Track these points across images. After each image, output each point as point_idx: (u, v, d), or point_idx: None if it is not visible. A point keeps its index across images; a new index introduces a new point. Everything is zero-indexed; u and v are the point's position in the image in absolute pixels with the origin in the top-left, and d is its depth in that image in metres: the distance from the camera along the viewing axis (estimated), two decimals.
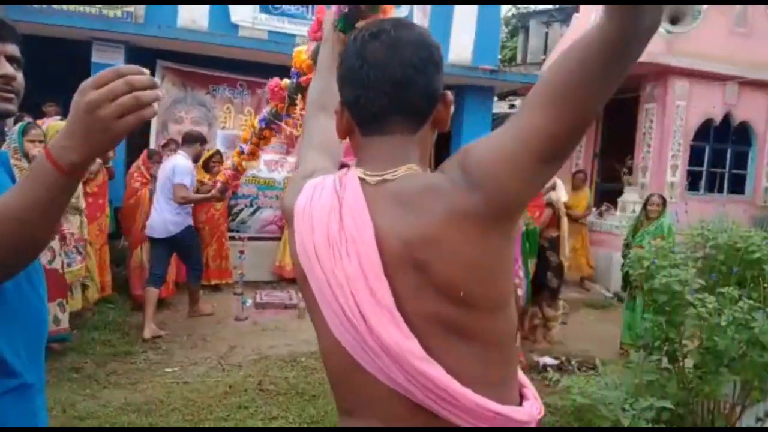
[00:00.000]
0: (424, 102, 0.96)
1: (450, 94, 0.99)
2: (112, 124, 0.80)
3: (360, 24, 1.30)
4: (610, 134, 8.80)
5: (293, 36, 6.85)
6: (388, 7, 1.37)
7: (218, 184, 4.83)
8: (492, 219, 0.84)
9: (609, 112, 8.79)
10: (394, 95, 0.93)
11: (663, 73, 7.46)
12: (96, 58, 6.36)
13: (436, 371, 0.85)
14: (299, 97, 2.41)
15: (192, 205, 5.06)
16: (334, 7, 1.32)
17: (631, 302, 4.83)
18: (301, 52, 2.03)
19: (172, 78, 6.82)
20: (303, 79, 2.08)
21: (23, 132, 3.76)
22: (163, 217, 4.80)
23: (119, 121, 0.80)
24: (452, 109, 1.01)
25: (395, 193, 0.90)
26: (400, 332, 0.86)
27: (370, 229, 0.88)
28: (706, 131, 8.04)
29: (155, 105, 0.82)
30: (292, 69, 2.17)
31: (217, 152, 6.20)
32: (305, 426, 3.21)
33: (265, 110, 3.03)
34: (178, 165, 4.78)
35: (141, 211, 5.34)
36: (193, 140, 5.12)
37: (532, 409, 0.93)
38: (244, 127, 7.21)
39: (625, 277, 4.40)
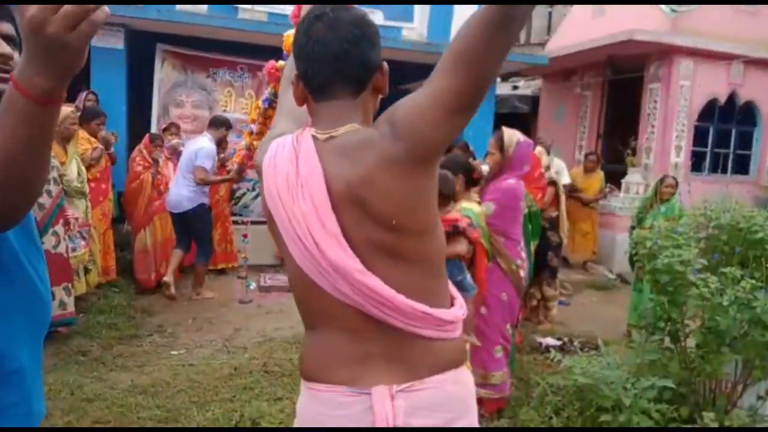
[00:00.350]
0: (360, 71, 1.15)
1: (386, 65, 1.19)
2: (67, 38, 0.73)
3: None
4: (613, 115, 8.74)
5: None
6: None
7: (235, 165, 4.86)
8: (414, 163, 1.06)
9: (613, 93, 8.73)
10: (334, 66, 1.12)
11: (667, 52, 7.39)
12: (96, 41, 6.32)
13: (374, 281, 1.07)
14: None
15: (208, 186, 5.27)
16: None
17: (638, 283, 4.83)
18: (290, 36, 2.10)
19: (173, 61, 6.77)
20: None
21: None
22: (179, 192, 5.08)
23: (74, 33, 0.73)
24: (387, 77, 1.21)
25: (339, 147, 1.11)
26: (345, 254, 1.08)
27: (320, 174, 1.09)
28: (710, 111, 7.98)
29: (105, 7, 0.75)
30: (284, 52, 2.31)
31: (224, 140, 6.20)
32: None
33: (266, 92, 3.07)
34: (203, 148, 5.04)
35: (144, 195, 5.35)
36: (219, 124, 5.42)
37: (457, 312, 1.18)
38: (245, 109, 7.19)
39: (632, 259, 4.41)
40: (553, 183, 5.07)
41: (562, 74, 9.47)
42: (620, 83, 8.46)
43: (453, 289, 1.24)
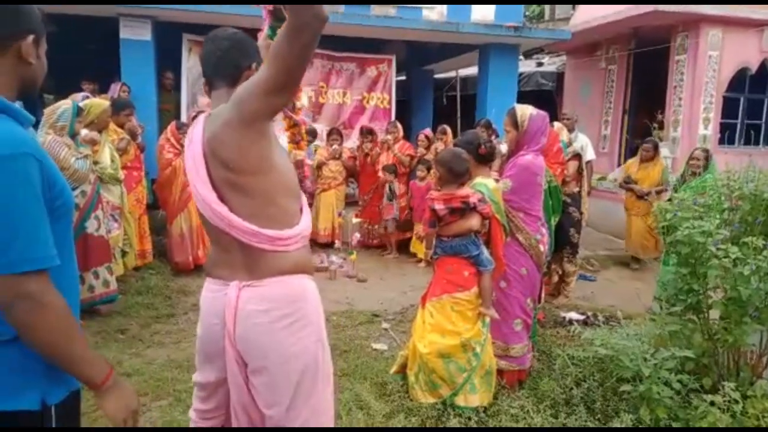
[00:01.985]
0: (231, 70, 1.66)
1: (254, 66, 1.68)
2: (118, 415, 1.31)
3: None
4: (639, 89, 8.59)
5: None
6: None
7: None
8: (242, 125, 1.49)
9: (638, 66, 8.56)
10: (214, 67, 1.68)
11: (694, 22, 7.20)
12: (124, 33, 6.50)
13: (222, 209, 1.55)
14: None
15: None
16: (264, 14, 1.96)
17: (668, 257, 4.81)
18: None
19: (199, 51, 6.89)
20: None
21: (77, 113, 3.96)
22: None
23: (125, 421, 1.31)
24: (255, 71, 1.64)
25: (211, 117, 1.59)
26: (208, 190, 1.57)
27: (200, 136, 1.59)
28: (740, 81, 7.76)
29: None
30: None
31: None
32: (337, 376, 3.38)
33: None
34: None
35: (177, 181, 5.52)
36: None
37: (289, 232, 1.60)
38: None
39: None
40: (577, 157, 5.05)
41: (587, 49, 9.31)
42: (646, 56, 8.29)
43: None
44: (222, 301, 1.58)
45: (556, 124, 5.25)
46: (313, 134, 6.62)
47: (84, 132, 4.18)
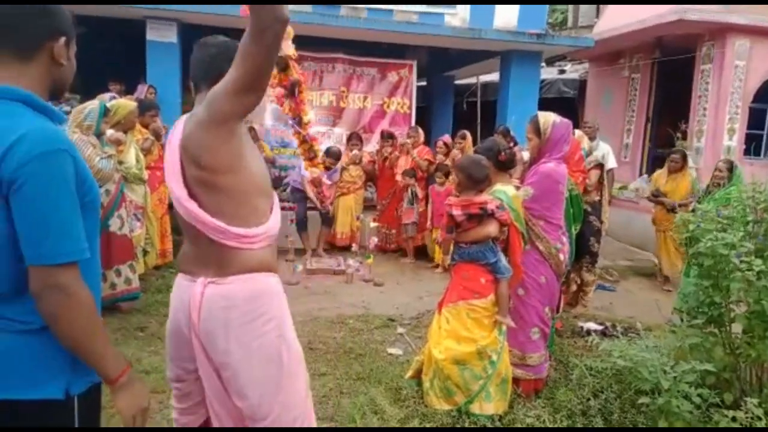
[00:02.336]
0: (216, 75, 1.59)
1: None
2: (131, 413, 1.34)
3: None
4: (663, 98, 8.49)
5: (338, 7, 6.89)
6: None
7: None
8: (213, 125, 1.54)
9: (662, 75, 8.46)
10: (201, 71, 1.72)
11: (721, 31, 7.10)
12: (150, 35, 6.62)
13: (192, 206, 1.60)
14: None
15: None
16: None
17: (688, 268, 4.73)
18: None
19: None
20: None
21: (104, 113, 4.04)
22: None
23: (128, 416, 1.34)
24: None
25: (189, 118, 1.64)
26: (179, 187, 1.62)
27: (178, 136, 1.64)
28: (767, 92, 7.62)
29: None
30: None
31: (251, 129, 6.43)
32: (352, 380, 3.39)
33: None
34: None
35: None
36: None
37: (255, 230, 1.63)
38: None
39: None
40: (599, 166, 5.01)
41: (610, 57, 9.23)
42: (670, 65, 8.19)
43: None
44: (188, 296, 1.62)
45: (577, 132, 5.20)
46: (336, 156, 6.59)
47: (110, 132, 4.26)
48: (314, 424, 1.85)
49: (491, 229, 2.95)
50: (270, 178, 1.82)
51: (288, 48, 2.61)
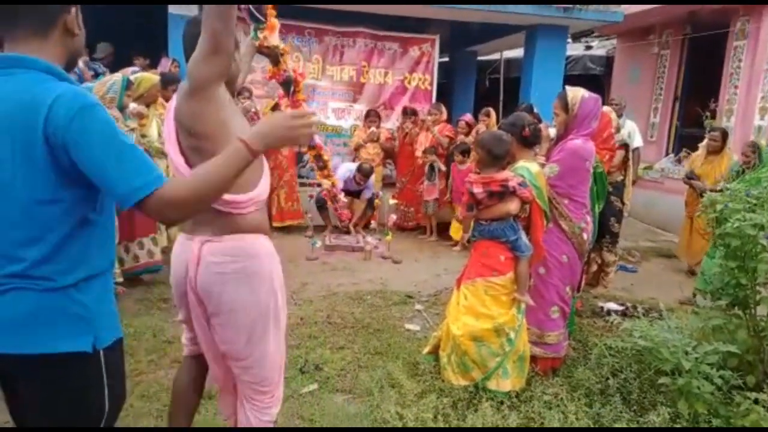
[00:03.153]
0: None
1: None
2: (295, 139, 1.47)
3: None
4: (692, 76, 8.24)
5: None
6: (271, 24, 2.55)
7: None
8: (193, 92, 1.69)
9: (692, 52, 8.21)
10: (191, 47, 1.72)
11: (758, 5, 6.83)
12: (172, 9, 6.59)
13: (187, 171, 1.72)
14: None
15: None
16: (244, 13, 2.22)
17: (713, 250, 4.64)
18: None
19: (244, 28, 6.94)
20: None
21: (126, 87, 4.06)
22: None
23: (298, 138, 1.47)
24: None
25: (179, 90, 1.78)
26: (177, 155, 1.78)
27: (173, 108, 1.79)
28: None
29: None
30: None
31: (276, 105, 6.40)
32: (370, 354, 3.42)
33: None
34: None
35: None
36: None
37: (245, 197, 1.77)
38: (312, 74, 7.32)
39: None
40: (623, 146, 4.91)
41: (639, 33, 8.97)
42: (701, 41, 7.93)
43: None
44: (187, 253, 1.80)
45: (606, 108, 5.09)
46: (367, 174, 6.39)
47: (132, 105, 4.28)
48: (279, 401, 2.01)
49: (512, 206, 2.92)
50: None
51: (274, 39, 2.63)
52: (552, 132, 3.36)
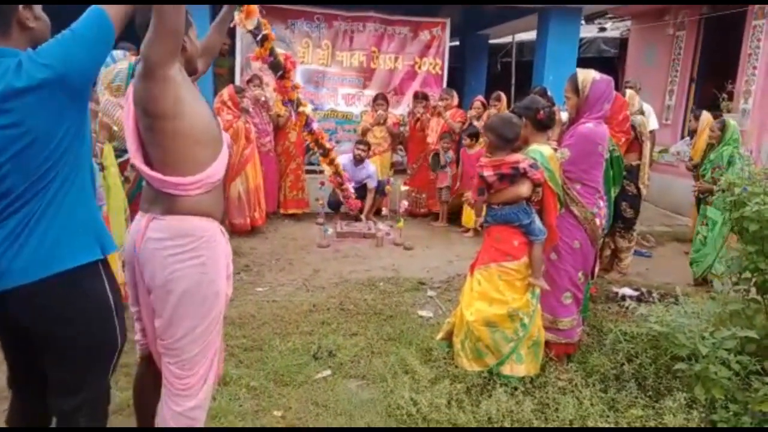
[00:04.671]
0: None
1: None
2: None
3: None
4: (709, 58, 8.07)
5: None
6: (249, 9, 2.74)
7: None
8: (148, 74, 1.73)
9: (709, 33, 8.04)
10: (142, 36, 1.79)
11: None
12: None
13: (138, 162, 1.84)
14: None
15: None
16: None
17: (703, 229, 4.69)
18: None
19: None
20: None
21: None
22: None
23: None
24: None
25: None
26: (132, 139, 1.85)
27: (131, 92, 1.83)
28: None
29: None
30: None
31: (255, 76, 6.52)
32: (383, 341, 3.42)
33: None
34: None
35: (238, 144, 5.63)
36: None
37: (193, 179, 1.82)
38: (322, 60, 7.27)
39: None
40: (633, 129, 4.81)
41: (654, 13, 8.79)
42: (718, 21, 7.76)
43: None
44: (137, 229, 1.88)
45: (629, 91, 5.00)
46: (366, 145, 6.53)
47: None
48: (197, 396, 1.91)
49: (523, 189, 2.89)
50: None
51: (251, 23, 2.74)
52: (564, 116, 3.30)
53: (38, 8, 1.59)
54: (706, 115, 5.65)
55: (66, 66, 1.48)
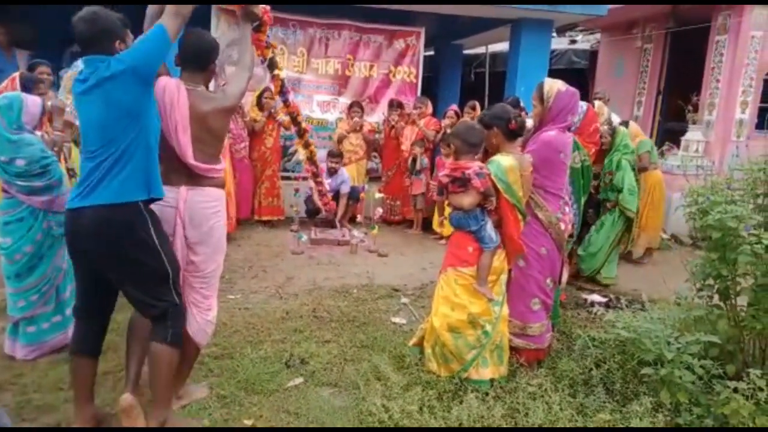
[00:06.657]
0: (200, 60, 2.61)
1: (215, 65, 2.69)
2: None
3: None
4: (675, 70, 8.32)
5: None
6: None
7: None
8: (230, 112, 2.70)
9: (675, 46, 8.29)
10: (197, 56, 2.61)
11: (737, 4, 6.91)
12: None
13: (191, 160, 2.47)
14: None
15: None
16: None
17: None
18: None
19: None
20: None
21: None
22: None
23: None
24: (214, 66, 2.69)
25: (198, 94, 2.53)
26: (187, 141, 2.45)
27: (185, 102, 2.44)
28: None
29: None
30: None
31: (267, 89, 6.33)
32: (356, 348, 3.42)
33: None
34: None
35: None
36: None
37: (220, 166, 2.62)
38: (297, 67, 7.26)
39: None
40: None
41: (623, 26, 9.03)
42: (683, 36, 8.01)
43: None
44: (174, 195, 2.47)
45: (597, 102, 5.11)
46: (337, 156, 6.69)
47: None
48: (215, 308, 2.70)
49: (466, 200, 2.94)
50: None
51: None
52: (529, 123, 3.36)
53: (130, 40, 2.34)
54: (598, 104, 5.08)
55: (135, 61, 2.16)
